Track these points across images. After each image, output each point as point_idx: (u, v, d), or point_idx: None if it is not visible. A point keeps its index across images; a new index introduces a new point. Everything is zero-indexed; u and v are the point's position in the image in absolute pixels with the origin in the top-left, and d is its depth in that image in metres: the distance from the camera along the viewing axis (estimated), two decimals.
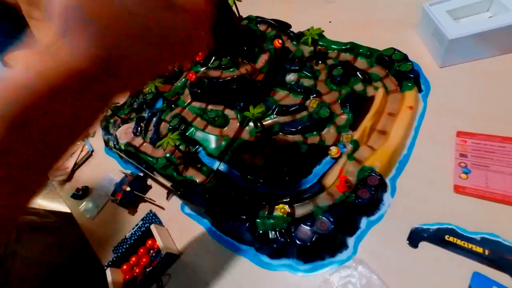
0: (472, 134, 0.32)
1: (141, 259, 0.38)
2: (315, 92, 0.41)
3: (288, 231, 0.30)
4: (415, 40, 0.44)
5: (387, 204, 0.31)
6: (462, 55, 0.38)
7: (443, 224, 0.28)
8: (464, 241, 0.26)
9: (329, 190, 0.33)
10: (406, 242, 0.28)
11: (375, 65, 0.42)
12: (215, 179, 0.37)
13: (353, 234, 0.30)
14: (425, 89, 0.38)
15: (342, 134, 0.37)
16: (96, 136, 0.67)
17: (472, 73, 0.37)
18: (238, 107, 0.41)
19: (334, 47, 0.45)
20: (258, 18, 0.51)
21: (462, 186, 0.29)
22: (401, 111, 0.36)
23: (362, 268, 0.28)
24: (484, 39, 0.35)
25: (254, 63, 0.42)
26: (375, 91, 0.39)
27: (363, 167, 0.32)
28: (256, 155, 0.37)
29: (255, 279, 0.32)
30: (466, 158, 0.31)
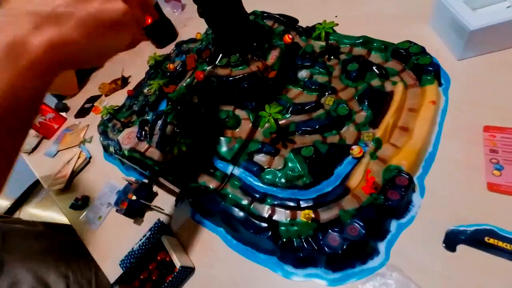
0: (500, 128, 0.31)
1: (152, 274, 0.35)
2: (330, 89, 0.39)
3: (315, 239, 0.28)
4: (428, 33, 0.43)
5: (417, 205, 0.30)
6: (482, 47, 0.36)
7: (481, 225, 0.26)
8: (506, 243, 0.25)
9: (354, 192, 0.31)
10: (443, 246, 0.26)
11: (391, 59, 0.40)
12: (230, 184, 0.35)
13: (384, 239, 0.29)
14: (445, 82, 0.37)
15: (363, 132, 0.35)
16: (93, 142, 0.64)
17: (492, 65, 0.36)
18: (250, 107, 0.39)
19: (346, 41, 0.43)
20: (264, 13, 0.49)
21: (496, 183, 0.28)
22: (423, 106, 0.34)
23: (397, 275, 0.26)
24: (505, 30, 0.34)
25: (264, 59, 0.40)
26: (393, 86, 0.37)
27: (389, 166, 0.31)
28: (273, 156, 0.35)
29: None
30: (497, 153, 0.29)
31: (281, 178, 0.33)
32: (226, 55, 0.41)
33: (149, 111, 0.48)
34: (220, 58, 0.41)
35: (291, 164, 0.33)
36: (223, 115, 0.39)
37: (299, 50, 0.45)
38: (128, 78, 0.77)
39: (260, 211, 0.32)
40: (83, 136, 0.66)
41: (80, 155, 0.61)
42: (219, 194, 0.34)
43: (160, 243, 0.37)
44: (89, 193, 0.53)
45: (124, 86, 0.75)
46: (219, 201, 0.34)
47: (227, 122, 0.39)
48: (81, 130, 0.69)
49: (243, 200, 0.33)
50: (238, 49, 0.40)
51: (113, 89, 0.76)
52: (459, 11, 0.36)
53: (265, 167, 0.34)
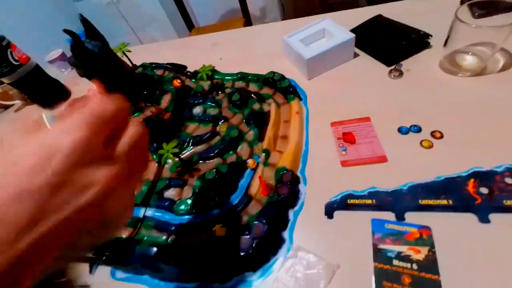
0: (340, 122, 0.43)
1: None
2: (222, 118, 0.45)
3: (231, 248, 0.31)
4: (286, 64, 0.56)
5: (303, 192, 0.37)
6: (318, 69, 0.51)
7: (343, 193, 0.35)
8: (359, 200, 0.34)
9: (256, 198, 0.36)
10: (325, 217, 0.34)
11: (264, 86, 0.51)
12: (143, 227, 0.35)
13: (286, 228, 0.34)
14: (303, 97, 0.49)
15: (254, 147, 0.42)
16: None
17: (329, 80, 0.50)
18: (152, 149, 0.41)
19: (228, 78, 0.52)
20: (153, 64, 0.54)
21: (345, 160, 0.38)
22: (292, 117, 0.45)
23: (300, 252, 0.32)
24: (327, 55, 0.49)
25: (158, 104, 0.44)
26: (269, 107, 0.47)
27: (277, 169, 0.38)
28: (181, 187, 0.37)
29: None
30: (341, 140, 0.41)
31: (194, 205, 0.36)
32: None
33: None
34: None
35: (199, 190, 0.37)
36: None
37: (191, 90, 0.51)
38: None
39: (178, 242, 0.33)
40: None
41: None
42: (133, 241, 0.34)
43: None
44: None
45: None
46: (134, 247, 0.33)
47: None
48: None
49: (160, 237, 0.34)
50: (129, 100, 0.42)
51: None
52: (298, 47, 0.50)
53: (176, 200, 0.37)
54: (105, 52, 0.37)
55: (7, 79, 0.66)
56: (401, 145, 0.37)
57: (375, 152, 0.38)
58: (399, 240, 0.30)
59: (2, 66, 0.62)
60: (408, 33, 0.48)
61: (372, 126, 0.41)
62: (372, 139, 0.39)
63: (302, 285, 0.30)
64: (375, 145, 0.38)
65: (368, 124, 0.41)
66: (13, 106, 0.87)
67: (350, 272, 0.30)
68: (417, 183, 0.33)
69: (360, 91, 0.46)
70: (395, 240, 0.30)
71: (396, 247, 0.30)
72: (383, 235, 0.31)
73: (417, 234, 0.30)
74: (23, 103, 0.84)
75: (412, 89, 0.43)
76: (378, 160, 0.37)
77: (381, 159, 0.37)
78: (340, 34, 0.50)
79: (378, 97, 0.44)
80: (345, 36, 0.49)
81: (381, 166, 0.37)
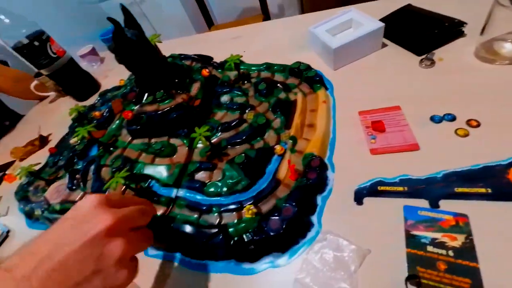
0: (368, 111, 0.43)
1: None
2: (249, 106, 0.46)
3: (261, 228, 0.32)
4: (311, 55, 0.56)
5: (332, 179, 0.37)
6: (344, 59, 0.51)
7: (373, 180, 0.35)
8: (390, 187, 0.34)
9: (284, 182, 0.37)
10: (354, 203, 0.34)
11: (289, 76, 0.51)
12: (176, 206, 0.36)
13: (314, 212, 0.35)
14: (330, 87, 0.49)
15: (281, 134, 0.42)
16: (10, 213, 0.56)
17: (355, 70, 0.50)
18: (183, 134, 0.43)
19: (254, 68, 0.53)
20: (181, 55, 0.56)
21: (374, 148, 0.38)
22: (319, 106, 0.45)
23: (330, 236, 0.32)
24: (354, 45, 0.49)
25: (188, 92, 0.45)
26: (295, 96, 0.47)
27: (305, 155, 0.38)
28: (211, 171, 0.39)
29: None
30: (370, 128, 0.40)
31: (222, 187, 0.37)
32: (151, 93, 0.45)
33: (79, 160, 0.46)
34: (146, 97, 0.45)
35: (228, 173, 0.38)
36: (158, 146, 0.42)
37: (218, 80, 0.52)
38: (48, 136, 0.71)
39: (209, 221, 0.34)
40: None
41: None
42: (167, 218, 0.36)
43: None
44: None
45: (43, 145, 0.69)
46: (169, 224, 0.35)
47: (164, 152, 0.41)
48: None
49: (192, 216, 0.35)
50: (161, 87, 0.44)
51: (30, 152, 0.68)
52: (325, 37, 0.50)
53: (206, 182, 0.38)
54: (141, 40, 0.39)
55: (46, 71, 0.71)
56: (434, 134, 0.37)
57: (406, 140, 0.37)
58: (433, 227, 0.29)
59: (42, 58, 0.67)
60: (440, 21, 0.46)
61: (403, 115, 0.40)
62: (403, 128, 0.39)
63: (332, 267, 0.30)
64: (406, 133, 0.38)
65: (398, 112, 0.40)
66: (48, 98, 0.93)
67: (381, 257, 0.29)
68: (452, 171, 0.32)
69: (388, 81, 0.46)
70: (428, 226, 0.30)
71: (430, 233, 0.29)
72: (415, 222, 0.30)
73: (452, 222, 0.29)
74: (57, 95, 0.90)
75: (445, 78, 0.42)
76: (409, 148, 0.36)
77: (412, 147, 0.36)
78: (369, 23, 0.49)
79: (408, 86, 0.43)
80: (374, 25, 0.48)
81: (412, 154, 0.36)
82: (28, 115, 0.94)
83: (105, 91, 0.70)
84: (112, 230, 0.22)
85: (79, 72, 0.78)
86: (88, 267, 0.21)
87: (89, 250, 0.21)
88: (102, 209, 0.23)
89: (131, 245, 0.23)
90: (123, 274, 0.22)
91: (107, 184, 0.35)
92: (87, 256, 0.21)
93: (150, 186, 0.39)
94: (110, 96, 0.66)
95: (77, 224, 0.22)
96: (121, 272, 0.22)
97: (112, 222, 0.22)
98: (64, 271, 0.20)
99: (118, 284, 0.22)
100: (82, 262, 0.21)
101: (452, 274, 0.26)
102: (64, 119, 0.71)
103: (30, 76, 0.89)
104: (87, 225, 0.22)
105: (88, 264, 0.21)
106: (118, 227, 0.23)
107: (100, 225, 0.22)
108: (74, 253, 0.21)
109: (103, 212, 0.23)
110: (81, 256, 0.21)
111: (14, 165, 0.69)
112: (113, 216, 0.23)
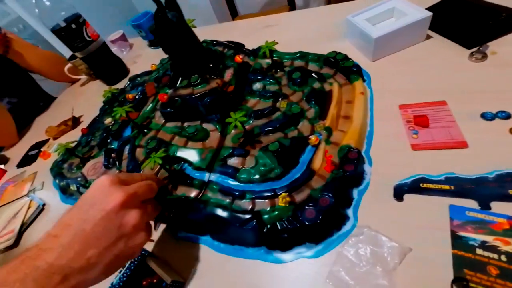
0: (409, 105, 0.40)
1: None
2: (282, 95, 0.45)
3: (295, 217, 0.31)
4: (347, 45, 0.54)
5: (369, 173, 0.36)
6: (384, 50, 0.48)
7: (415, 176, 0.33)
8: (434, 184, 0.32)
9: (319, 173, 0.36)
10: (394, 199, 0.32)
11: (324, 66, 0.49)
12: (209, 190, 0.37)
13: (350, 205, 0.33)
14: (367, 78, 0.47)
15: (315, 125, 0.41)
16: (45, 188, 0.58)
17: (395, 62, 0.47)
18: (216, 119, 0.43)
19: (287, 57, 0.52)
20: (214, 41, 0.55)
21: (417, 144, 0.36)
22: (356, 98, 0.43)
23: (367, 231, 0.31)
24: (396, 35, 0.46)
25: (221, 77, 0.45)
26: (330, 86, 0.45)
27: (341, 147, 0.37)
28: (244, 157, 0.38)
29: (274, 278, 0.31)
30: (412, 123, 0.38)
31: (255, 174, 0.37)
32: (185, 77, 0.45)
33: (113, 140, 0.47)
34: (180, 81, 0.45)
35: (261, 161, 0.37)
36: (192, 130, 0.42)
37: (250, 68, 0.51)
38: (80, 117, 0.74)
39: (242, 206, 0.34)
40: (31, 184, 0.60)
41: (30, 205, 0.55)
42: (200, 201, 0.36)
43: (142, 269, 0.35)
44: None
45: (75, 126, 0.72)
46: (201, 207, 0.35)
47: (196, 136, 0.41)
48: (27, 179, 0.62)
49: (224, 200, 0.35)
50: (196, 71, 0.44)
51: (62, 131, 0.71)
52: (365, 26, 0.48)
53: (239, 168, 0.37)
54: (181, 22, 0.39)
55: (80, 54, 0.73)
56: (484, 132, 0.34)
57: (452, 137, 0.35)
58: (483, 229, 0.28)
59: (78, 41, 0.69)
60: (496, 11, 0.43)
61: (449, 110, 0.37)
62: (449, 124, 0.36)
63: (369, 262, 0.29)
64: (453, 129, 0.35)
65: (444, 108, 0.38)
66: (79, 81, 0.96)
67: (423, 256, 0.28)
68: (506, 172, 0.30)
69: (433, 74, 0.43)
70: (478, 228, 0.28)
71: (480, 236, 0.27)
72: (463, 222, 0.28)
73: (506, 225, 0.27)
74: (88, 79, 0.93)
75: (500, 72, 0.39)
76: (456, 145, 0.34)
77: (460, 144, 0.34)
78: (414, 12, 0.46)
79: (456, 80, 0.41)
80: (420, 15, 0.45)
81: (459, 152, 0.34)
82: (60, 97, 0.98)
83: (135, 76, 0.71)
84: (126, 204, 0.27)
85: (110, 56, 0.79)
86: (113, 234, 0.26)
87: (110, 222, 0.26)
88: (114, 187, 0.27)
89: (143, 214, 0.29)
90: (141, 236, 0.28)
91: (144, 163, 0.36)
92: (109, 226, 0.26)
93: (183, 169, 0.40)
94: (140, 81, 0.67)
95: (96, 202, 0.27)
96: (139, 235, 0.28)
97: (125, 198, 0.27)
98: (95, 239, 0.25)
99: (137, 243, 0.28)
100: (107, 231, 0.26)
101: (505, 280, 0.24)
102: (93, 102, 0.73)
103: (63, 59, 0.93)
104: (105, 200, 0.26)
105: (111, 232, 0.26)
106: (130, 201, 0.27)
107: (114, 201, 0.26)
108: (97, 226, 0.25)
109: (116, 190, 0.27)
110: (103, 227, 0.26)
111: (48, 143, 0.72)
112: (124, 192, 0.27)
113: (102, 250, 0.25)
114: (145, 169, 0.38)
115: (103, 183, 0.28)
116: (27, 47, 0.86)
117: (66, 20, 0.66)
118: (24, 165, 0.68)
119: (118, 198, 0.27)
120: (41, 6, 0.64)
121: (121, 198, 0.27)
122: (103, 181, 0.28)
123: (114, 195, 0.27)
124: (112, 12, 1.92)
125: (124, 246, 0.26)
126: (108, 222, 0.26)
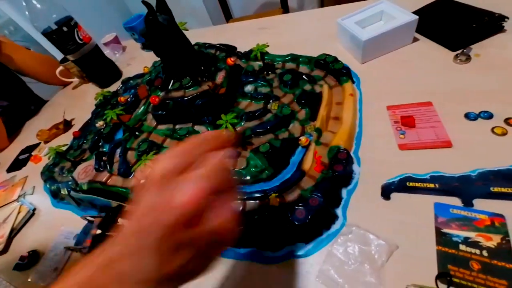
0: (397, 106, 0.41)
1: None
2: (273, 97, 0.46)
3: (285, 217, 0.32)
4: (338, 47, 0.55)
5: (357, 172, 0.36)
6: (373, 52, 0.49)
7: (402, 175, 0.34)
8: (419, 183, 0.33)
9: (309, 173, 0.36)
10: (381, 197, 0.33)
11: (315, 69, 0.50)
12: None
13: (339, 205, 0.34)
14: (356, 80, 0.48)
15: (306, 126, 0.42)
16: (36, 192, 0.58)
17: (383, 64, 0.49)
18: (208, 121, 0.43)
19: (279, 59, 0.53)
20: (206, 44, 0.56)
21: (404, 144, 0.37)
22: (346, 99, 0.44)
23: (355, 229, 0.31)
24: (385, 38, 0.47)
25: (213, 80, 0.45)
26: (321, 88, 0.46)
27: (331, 147, 0.38)
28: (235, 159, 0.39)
29: (266, 276, 0.32)
30: (399, 123, 0.39)
31: (246, 175, 0.37)
32: (177, 80, 0.45)
33: (104, 143, 0.47)
34: (172, 83, 0.45)
35: (252, 162, 0.38)
36: (183, 132, 0.42)
37: (242, 70, 0.52)
38: (72, 120, 0.73)
39: None
40: (22, 189, 0.59)
41: (20, 210, 0.54)
42: None
43: None
44: (38, 247, 0.47)
45: (67, 129, 0.71)
46: None
47: (188, 137, 0.42)
48: (18, 184, 0.62)
49: None
50: (188, 74, 0.44)
51: (54, 134, 0.71)
52: (354, 29, 0.49)
53: None
54: (171, 25, 0.39)
55: (72, 57, 0.72)
56: (468, 131, 0.35)
57: (438, 137, 0.36)
58: (467, 226, 0.28)
59: (70, 44, 0.69)
60: (479, 15, 0.44)
61: (435, 111, 0.39)
62: (435, 124, 0.37)
63: (358, 260, 0.29)
64: (438, 129, 0.36)
65: (430, 108, 0.39)
66: (71, 84, 0.95)
67: (409, 253, 0.29)
68: (488, 170, 0.31)
69: (419, 76, 0.44)
70: (462, 225, 0.29)
71: (463, 232, 0.28)
72: (447, 220, 0.29)
73: (487, 221, 0.28)
74: (80, 81, 0.92)
75: (482, 74, 0.40)
76: (442, 145, 0.35)
77: (445, 144, 0.35)
78: (401, 16, 0.48)
79: (442, 82, 0.42)
80: (407, 18, 0.46)
81: (444, 151, 0.35)
82: (51, 100, 0.97)
83: (128, 79, 0.71)
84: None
85: (103, 59, 0.79)
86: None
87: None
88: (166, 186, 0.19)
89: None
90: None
91: (135, 166, 0.36)
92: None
93: None
94: (133, 83, 0.67)
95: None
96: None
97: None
98: (170, 234, 0.17)
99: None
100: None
101: (486, 275, 0.25)
102: (86, 105, 0.73)
103: (55, 62, 0.92)
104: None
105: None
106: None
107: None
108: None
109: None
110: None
111: (39, 147, 0.71)
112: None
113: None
114: (137, 170, 0.38)
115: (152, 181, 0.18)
116: (18, 50, 0.85)
117: (58, 23, 0.66)
118: (14, 169, 0.67)
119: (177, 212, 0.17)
120: (31, 9, 0.63)
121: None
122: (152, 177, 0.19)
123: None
124: (106, 14, 1.92)
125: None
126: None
